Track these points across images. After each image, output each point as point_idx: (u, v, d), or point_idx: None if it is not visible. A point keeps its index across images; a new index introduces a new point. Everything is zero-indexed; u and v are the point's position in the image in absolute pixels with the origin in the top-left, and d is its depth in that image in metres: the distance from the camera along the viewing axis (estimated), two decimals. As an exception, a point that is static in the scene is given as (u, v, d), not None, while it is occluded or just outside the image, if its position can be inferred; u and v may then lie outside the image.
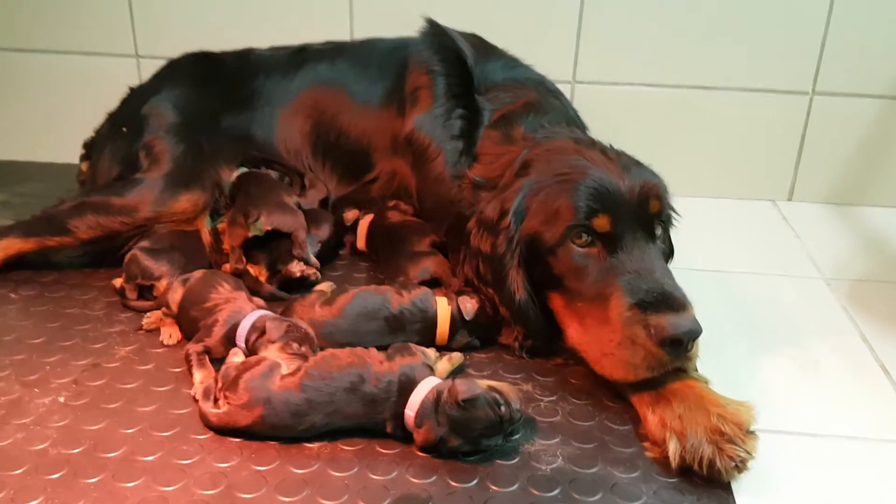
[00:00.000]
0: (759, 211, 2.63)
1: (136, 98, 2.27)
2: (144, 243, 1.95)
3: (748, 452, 1.37)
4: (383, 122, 2.17)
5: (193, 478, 1.36)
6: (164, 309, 1.77)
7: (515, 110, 1.96)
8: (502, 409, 1.41)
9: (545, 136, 1.84)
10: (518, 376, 1.68)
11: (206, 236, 2.05)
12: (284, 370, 1.49)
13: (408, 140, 2.08)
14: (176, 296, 1.75)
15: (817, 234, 2.46)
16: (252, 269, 1.96)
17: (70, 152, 2.42)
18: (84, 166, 2.30)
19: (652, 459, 1.44)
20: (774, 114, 2.61)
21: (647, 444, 1.48)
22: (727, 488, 1.38)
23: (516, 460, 1.43)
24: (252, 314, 1.66)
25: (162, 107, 2.19)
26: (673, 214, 1.74)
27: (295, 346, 1.56)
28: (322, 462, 1.41)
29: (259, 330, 1.61)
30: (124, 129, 2.18)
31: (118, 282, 1.92)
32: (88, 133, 2.34)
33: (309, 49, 2.34)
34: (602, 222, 1.60)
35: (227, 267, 1.96)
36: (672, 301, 1.50)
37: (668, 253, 1.78)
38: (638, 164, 1.69)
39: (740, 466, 1.37)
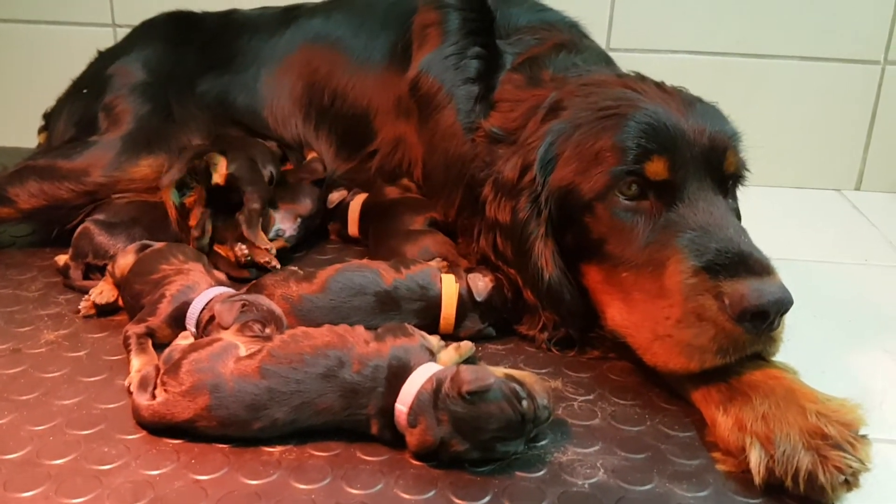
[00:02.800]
0: (824, 200, 2.33)
1: (104, 59, 2.01)
2: (99, 215, 1.67)
3: (861, 462, 1.03)
4: (386, 80, 1.83)
5: (110, 487, 1.05)
6: (108, 269, 1.47)
7: (543, 52, 1.63)
8: (523, 403, 1.09)
9: (579, 73, 1.50)
10: (544, 371, 1.34)
11: (172, 211, 1.73)
12: (243, 353, 1.16)
13: (413, 87, 1.72)
14: (126, 261, 1.45)
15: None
16: (220, 250, 1.67)
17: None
18: (41, 138, 2.00)
19: (726, 474, 1.11)
20: (840, 86, 2.33)
21: (717, 455, 1.14)
22: (831, 511, 1.03)
23: (542, 472, 1.10)
24: (207, 291, 1.34)
25: (130, 66, 1.92)
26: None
27: (256, 327, 1.22)
28: (283, 471, 1.09)
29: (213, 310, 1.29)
30: (85, 91, 1.89)
31: (62, 259, 1.62)
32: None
33: (303, 6, 2.04)
34: (657, 167, 1.26)
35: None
36: (752, 263, 1.16)
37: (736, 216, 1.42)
38: (702, 101, 1.36)
39: (851, 481, 1.03)
